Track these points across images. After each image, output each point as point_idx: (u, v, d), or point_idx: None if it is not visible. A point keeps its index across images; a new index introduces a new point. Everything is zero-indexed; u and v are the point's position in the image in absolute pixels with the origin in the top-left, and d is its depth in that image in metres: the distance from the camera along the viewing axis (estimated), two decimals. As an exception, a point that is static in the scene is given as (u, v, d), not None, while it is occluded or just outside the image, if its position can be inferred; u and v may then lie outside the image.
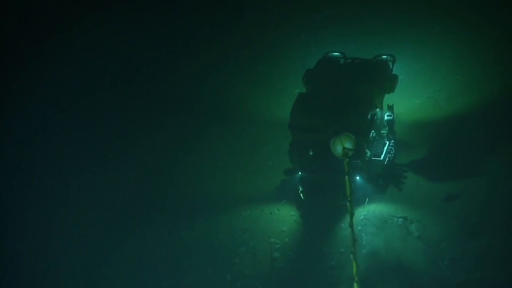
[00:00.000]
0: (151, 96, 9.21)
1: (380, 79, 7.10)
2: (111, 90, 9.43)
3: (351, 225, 5.37)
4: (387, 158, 7.10)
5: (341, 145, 5.50)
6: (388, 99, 7.28)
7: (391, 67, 7.35)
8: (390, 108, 7.24)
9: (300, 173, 6.99)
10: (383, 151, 7.06)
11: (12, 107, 9.23)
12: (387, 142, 7.22)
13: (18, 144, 8.52)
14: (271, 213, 7.05)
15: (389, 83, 7.14)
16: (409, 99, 8.28)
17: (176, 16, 10.75)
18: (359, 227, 6.65)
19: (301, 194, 7.00)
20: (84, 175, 7.88)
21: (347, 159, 5.51)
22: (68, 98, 9.29)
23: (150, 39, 10.42)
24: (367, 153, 6.85)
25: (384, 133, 7.26)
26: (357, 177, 6.94)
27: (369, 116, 6.74)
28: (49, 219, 7.31)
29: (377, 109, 7.03)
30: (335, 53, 7.58)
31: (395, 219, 6.75)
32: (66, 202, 7.52)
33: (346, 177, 5.44)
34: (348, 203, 5.42)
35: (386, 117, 7.21)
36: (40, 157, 8.27)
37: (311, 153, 6.79)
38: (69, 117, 8.94)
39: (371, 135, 6.91)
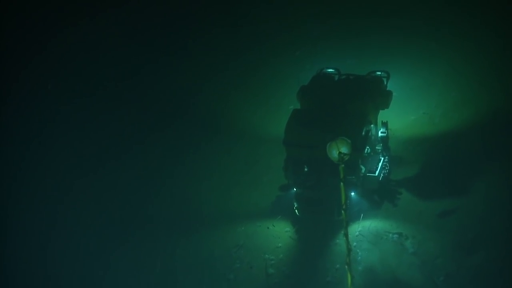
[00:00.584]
0: (143, 110, 9.15)
1: (374, 95, 7.12)
2: (110, 92, 9.46)
3: (345, 234, 5.36)
4: (382, 174, 7.11)
5: (337, 150, 5.51)
6: (383, 115, 7.30)
7: (385, 83, 7.38)
8: (385, 124, 7.25)
9: (295, 189, 6.97)
10: (378, 167, 7.07)
11: (12, 107, 9.26)
12: (382, 158, 7.22)
13: (18, 144, 8.55)
14: (268, 228, 7.04)
15: (383, 99, 7.17)
16: (404, 115, 8.27)
17: (170, 28, 10.70)
18: (354, 243, 6.63)
19: (296, 210, 6.99)
20: (79, 180, 7.93)
21: (343, 164, 5.51)
22: (67, 98, 9.33)
23: (146, 47, 10.40)
24: (362, 169, 6.85)
25: (379, 149, 7.27)
26: (352, 193, 6.94)
27: (363, 132, 6.75)
28: (49, 219, 7.37)
29: (372, 125, 7.05)
30: (329, 70, 7.61)
31: (390, 235, 6.74)
32: (63, 203, 7.59)
33: (342, 183, 5.44)
34: (343, 211, 5.42)
35: (380, 134, 7.23)
36: (40, 157, 8.31)
37: (306, 169, 6.77)
38: (67, 118, 8.97)
39: (365, 151, 6.92)
